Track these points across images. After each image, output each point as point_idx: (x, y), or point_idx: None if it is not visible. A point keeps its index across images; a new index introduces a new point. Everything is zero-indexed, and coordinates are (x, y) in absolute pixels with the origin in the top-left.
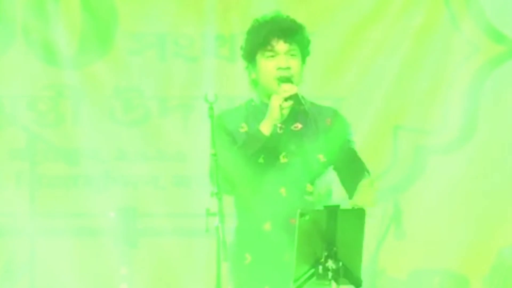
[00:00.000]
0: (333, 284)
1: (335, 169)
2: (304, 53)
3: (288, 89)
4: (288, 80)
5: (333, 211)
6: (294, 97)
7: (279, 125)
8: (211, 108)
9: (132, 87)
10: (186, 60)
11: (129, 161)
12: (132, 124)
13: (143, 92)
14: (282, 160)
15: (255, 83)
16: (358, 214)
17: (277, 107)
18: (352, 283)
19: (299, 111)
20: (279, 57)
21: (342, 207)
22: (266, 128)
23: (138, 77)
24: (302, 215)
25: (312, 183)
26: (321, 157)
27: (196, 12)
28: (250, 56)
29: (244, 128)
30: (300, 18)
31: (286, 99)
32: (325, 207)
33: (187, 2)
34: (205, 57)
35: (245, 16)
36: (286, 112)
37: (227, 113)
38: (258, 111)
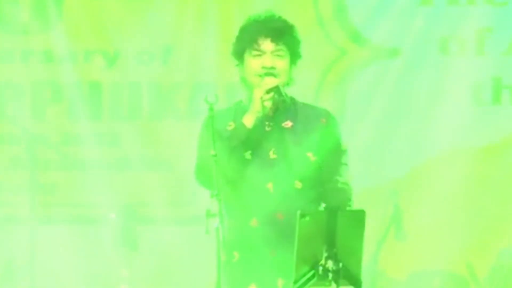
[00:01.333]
0: (333, 285)
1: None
2: (294, 54)
3: (270, 81)
4: (271, 74)
5: (333, 212)
6: (276, 90)
7: (267, 122)
8: (211, 109)
9: (133, 88)
10: (188, 62)
11: (130, 162)
12: (133, 125)
13: (145, 92)
14: (271, 156)
15: (243, 80)
16: (359, 215)
17: (258, 99)
18: (352, 284)
19: (289, 109)
20: (265, 56)
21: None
22: (248, 120)
23: (140, 78)
24: (302, 216)
25: (301, 180)
26: (311, 156)
27: (198, 14)
28: (239, 54)
29: (231, 126)
30: None
31: (267, 92)
32: (325, 208)
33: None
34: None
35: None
36: (268, 104)
37: (216, 114)
38: (246, 110)
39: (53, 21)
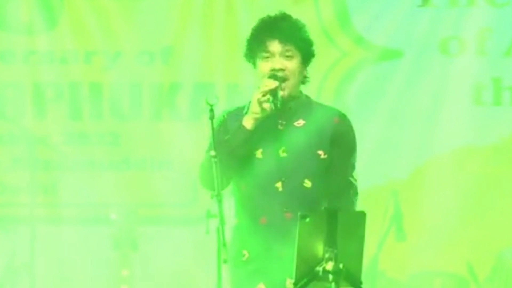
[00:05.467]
0: (334, 286)
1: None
2: (305, 53)
3: (268, 84)
4: (273, 76)
5: (333, 213)
6: (273, 92)
7: (280, 121)
8: (211, 110)
9: (134, 88)
10: (189, 62)
11: (130, 163)
12: (134, 125)
13: (145, 93)
14: (281, 154)
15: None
16: (359, 217)
17: (255, 102)
18: (352, 285)
19: (303, 108)
20: (274, 58)
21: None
22: (248, 122)
23: (140, 79)
24: (302, 217)
25: (310, 179)
26: (321, 154)
27: (200, 14)
28: (251, 59)
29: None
30: None
31: (264, 94)
32: (326, 209)
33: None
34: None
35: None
36: (267, 107)
37: (230, 112)
38: None
39: (54, 22)
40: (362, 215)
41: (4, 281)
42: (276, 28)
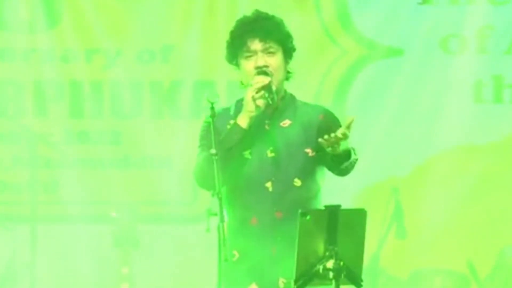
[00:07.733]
0: (334, 283)
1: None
2: (286, 48)
3: (260, 80)
4: (262, 73)
5: (334, 211)
6: (267, 88)
7: (267, 121)
8: (212, 108)
9: (135, 86)
10: (189, 60)
11: (131, 161)
12: (135, 123)
13: (146, 91)
14: (269, 154)
15: (242, 84)
16: (359, 214)
17: (250, 99)
18: (353, 283)
19: (288, 108)
20: (257, 56)
21: (343, 207)
22: (243, 121)
23: (141, 77)
24: (303, 215)
25: (299, 177)
26: (309, 152)
27: (200, 13)
28: (233, 59)
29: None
30: None
31: (257, 90)
32: (326, 206)
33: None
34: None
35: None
36: (260, 103)
37: (217, 113)
38: None
39: (55, 20)
40: (362, 212)
41: (5, 279)
42: (255, 27)
